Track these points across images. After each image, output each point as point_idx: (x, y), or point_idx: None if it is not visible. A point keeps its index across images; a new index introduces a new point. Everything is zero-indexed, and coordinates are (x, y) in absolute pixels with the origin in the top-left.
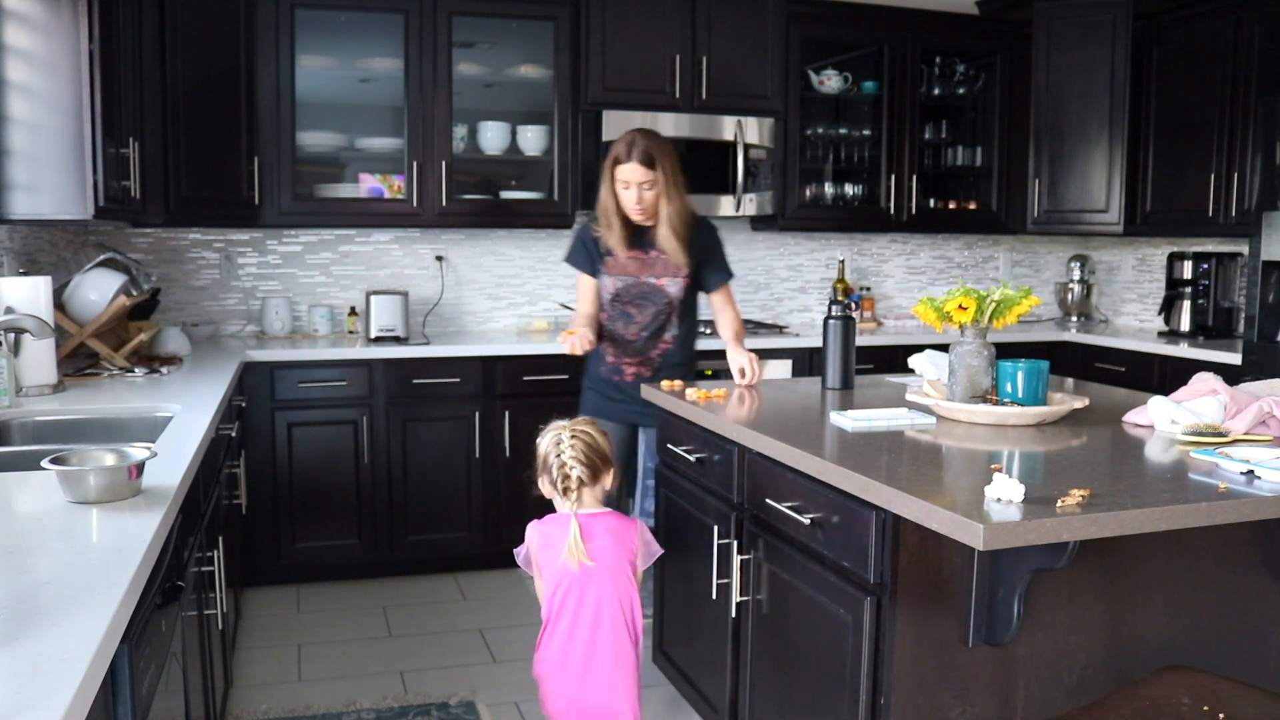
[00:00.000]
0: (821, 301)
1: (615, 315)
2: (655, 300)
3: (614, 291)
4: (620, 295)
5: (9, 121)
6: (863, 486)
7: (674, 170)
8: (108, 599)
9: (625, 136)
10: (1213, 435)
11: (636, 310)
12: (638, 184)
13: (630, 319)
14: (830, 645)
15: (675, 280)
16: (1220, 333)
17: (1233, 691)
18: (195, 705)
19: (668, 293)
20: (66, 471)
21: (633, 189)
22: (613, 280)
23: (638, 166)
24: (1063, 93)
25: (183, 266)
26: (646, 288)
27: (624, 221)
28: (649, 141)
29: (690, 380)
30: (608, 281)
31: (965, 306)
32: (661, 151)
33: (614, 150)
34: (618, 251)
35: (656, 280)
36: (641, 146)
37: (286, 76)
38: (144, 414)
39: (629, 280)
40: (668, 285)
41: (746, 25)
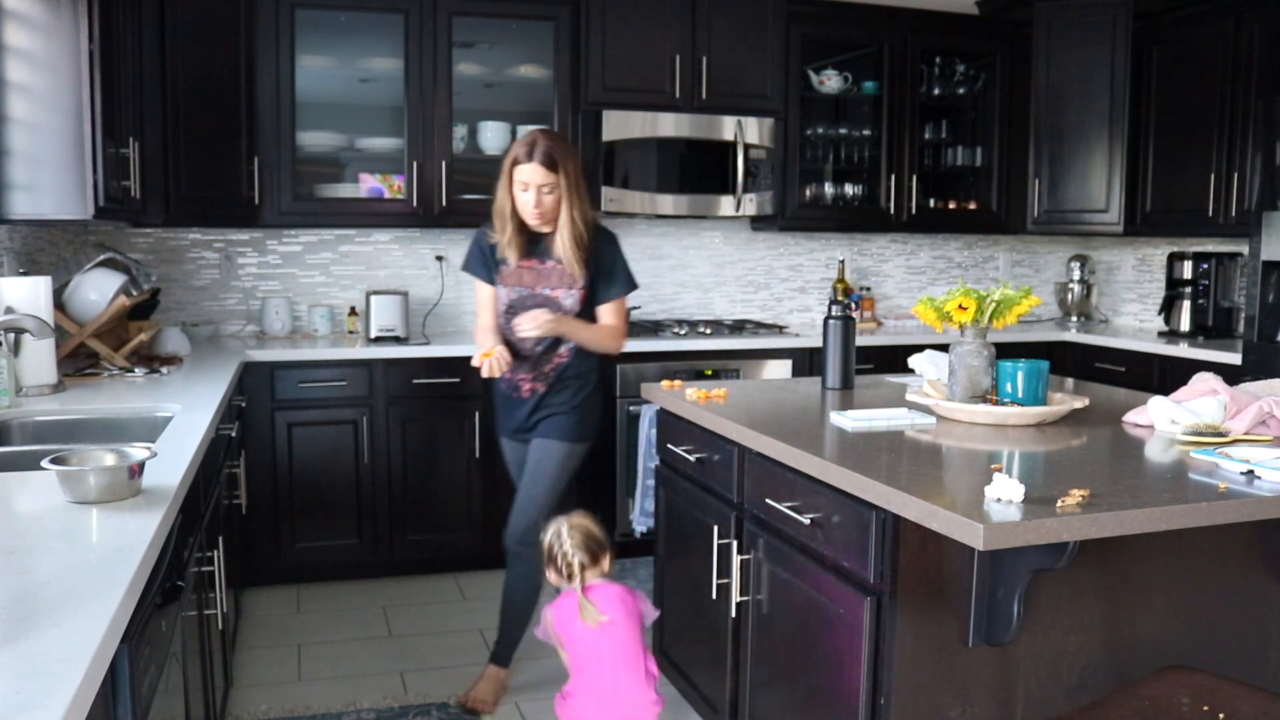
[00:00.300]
0: (821, 301)
1: (509, 327)
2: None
3: (508, 302)
4: (514, 307)
5: (9, 121)
6: (863, 486)
7: (577, 175)
8: (108, 599)
9: (526, 136)
10: (1213, 435)
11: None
12: (537, 186)
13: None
14: (830, 645)
15: (571, 293)
16: (1220, 333)
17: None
18: (195, 705)
19: (562, 305)
20: (66, 471)
21: (531, 191)
22: (507, 291)
23: (538, 168)
24: (1063, 93)
25: (183, 266)
26: (540, 299)
27: (520, 227)
28: (552, 143)
29: (589, 394)
30: (502, 292)
31: (965, 306)
32: (565, 154)
33: (513, 150)
34: (511, 259)
35: (551, 292)
36: (544, 147)
37: (286, 76)
38: (144, 414)
39: (523, 291)
40: (563, 298)
41: (746, 25)
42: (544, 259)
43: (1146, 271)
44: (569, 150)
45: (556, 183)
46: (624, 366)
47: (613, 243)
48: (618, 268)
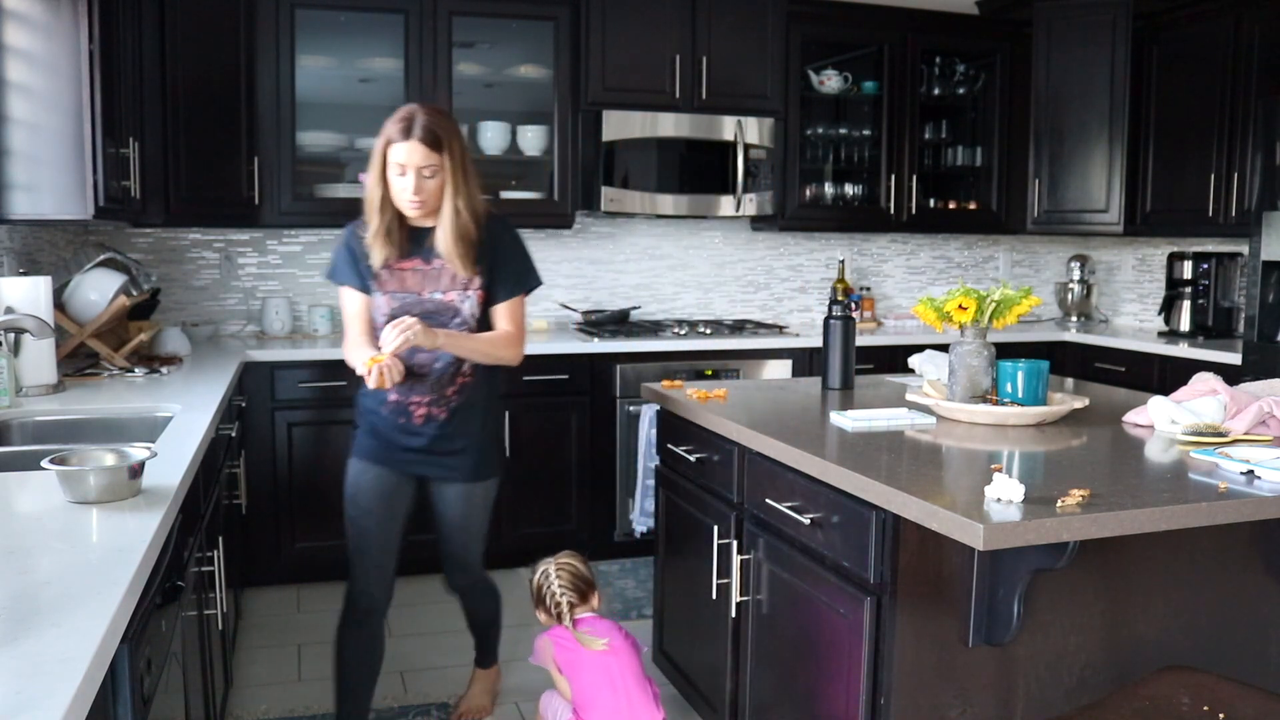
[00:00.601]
0: (821, 301)
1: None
2: (444, 320)
3: (390, 313)
4: (398, 317)
5: (9, 121)
6: (863, 486)
7: (463, 155)
8: (108, 599)
9: (402, 111)
10: (1213, 435)
11: None
12: (416, 169)
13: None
14: (830, 645)
15: (467, 295)
16: (1220, 333)
17: (1233, 691)
18: (195, 705)
19: (460, 311)
20: (66, 471)
21: (410, 175)
22: (387, 299)
23: (418, 146)
24: (1063, 93)
25: (183, 266)
26: (432, 306)
27: (398, 221)
28: (434, 117)
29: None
30: (380, 301)
31: (965, 306)
32: (450, 131)
33: (386, 128)
34: (389, 259)
35: (443, 296)
36: (424, 122)
37: (286, 76)
38: (144, 414)
39: (407, 298)
40: (458, 302)
41: (746, 25)
42: (430, 258)
43: (1146, 271)
44: (454, 127)
45: (440, 164)
46: (624, 367)
47: (510, 232)
48: (516, 262)
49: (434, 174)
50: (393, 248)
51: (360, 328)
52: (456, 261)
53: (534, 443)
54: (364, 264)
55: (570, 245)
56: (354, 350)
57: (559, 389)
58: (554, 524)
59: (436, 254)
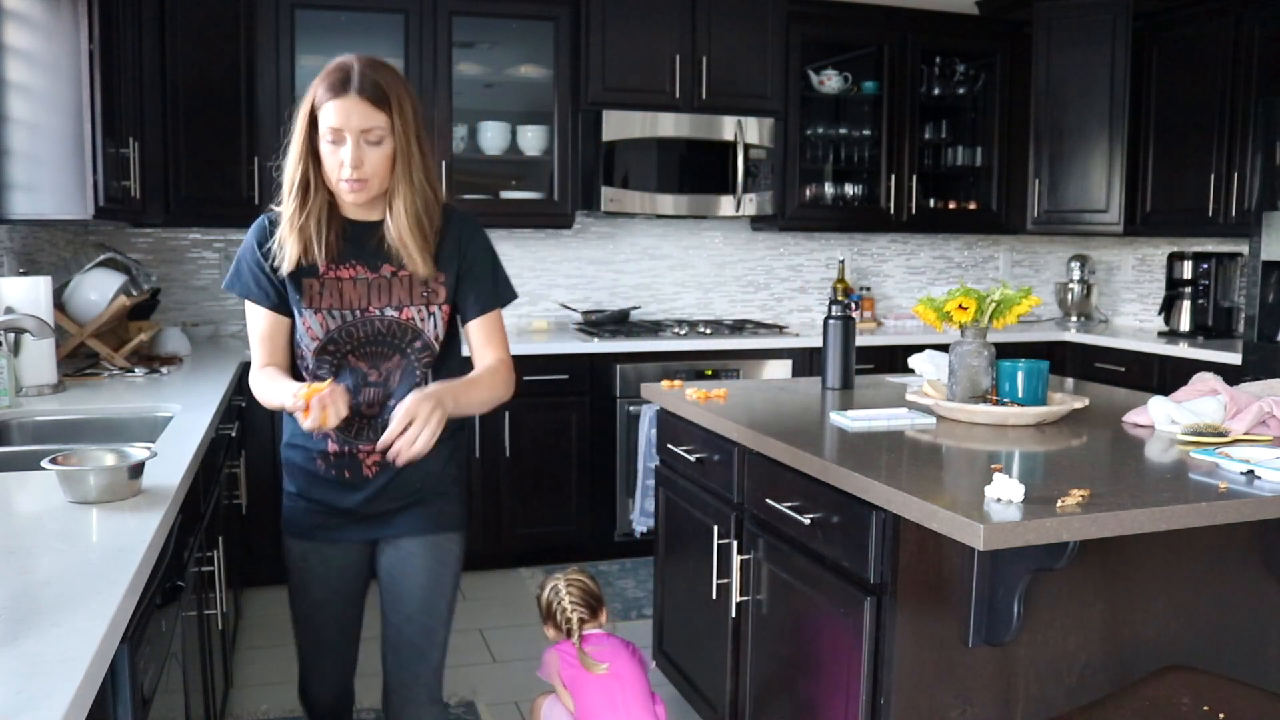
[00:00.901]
0: (821, 301)
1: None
2: (401, 345)
3: (323, 337)
4: (336, 342)
5: (9, 121)
6: (863, 486)
7: (418, 121)
8: (108, 599)
9: (334, 63)
10: (1213, 435)
11: (368, 365)
12: (357, 132)
13: (361, 379)
14: (830, 645)
15: (431, 312)
16: (1220, 333)
17: (1233, 691)
18: (195, 705)
19: (422, 333)
20: (66, 471)
21: (348, 141)
22: (319, 318)
23: (359, 102)
24: (1063, 93)
25: (183, 266)
26: (382, 326)
27: (329, 211)
28: (378, 69)
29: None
30: (312, 319)
31: (965, 306)
32: (399, 86)
33: (315, 85)
34: (318, 262)
35: (398, 314)
36: (364, 73)
37: (286, 76)
38: (144, 414)
39: (348, 315)
40: (419, 320)
41: (746, 25)
42: (377, 263)
43: (1146, 271)
44: (405, 83)
45: (388, 127)
46: (624, 367)
47: (480, 231)
48: (491, 268)
49: (380, 140)
50: (320, 247)
51: (271, 354)
52: (415, 256)
53: (534, 443)
54: (283, 273)
55: (570, 245)
56: (268, 383)
57: (559, 389)
58: (554, 524)
59: (385, 257)
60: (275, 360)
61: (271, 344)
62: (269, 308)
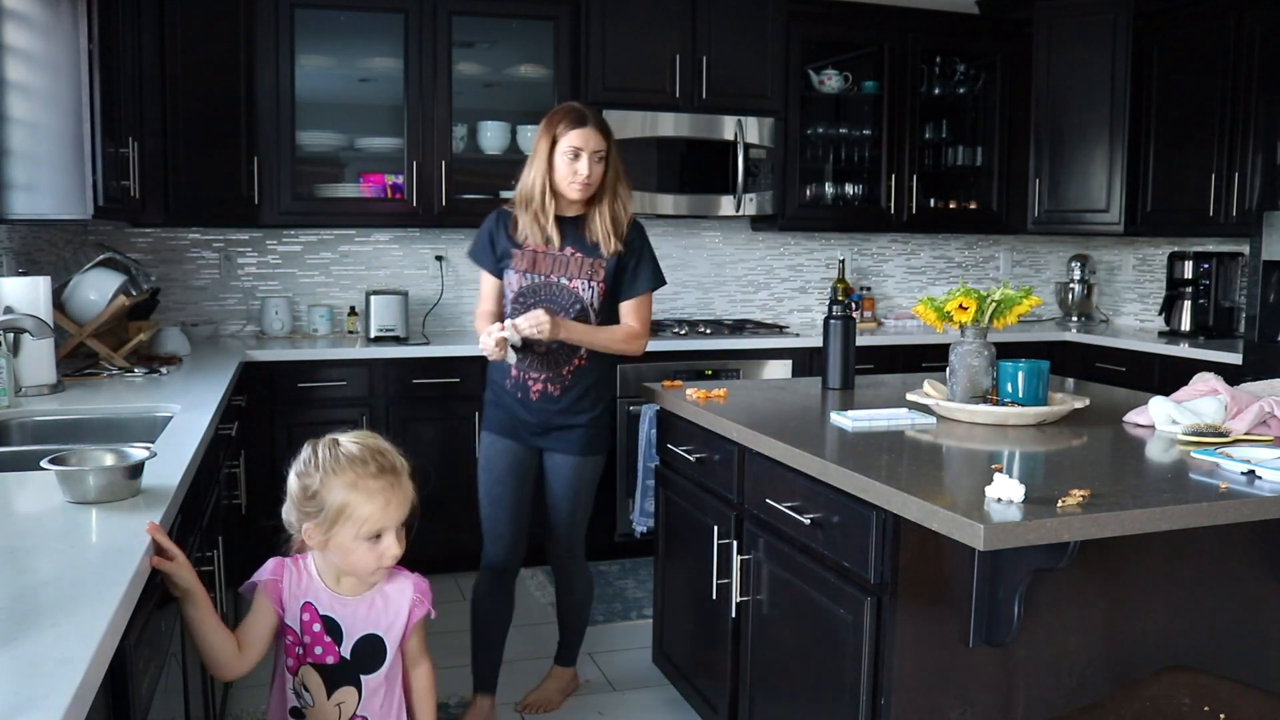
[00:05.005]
0: (821, 301)
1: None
2: (564, 304)
3: (518, 290)
4: (524, 294)
5: (9, 121)
6: (863, 486)
7: (618, 153)
8: (108, 599)
9: (563, 107)
10: (1213, 435)
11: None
12: (591, 152)
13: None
14: (830, 645)
15: (590, 285)
16: (1221, 333)
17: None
18: (195, 705)
19: (582, 299)
20: (66, 471)
21: (584, 158)
22: (518, 277)
23: (594, 132)
24: (1063, 93)
25: (182, 266)
26: (555, 289)
27: (552, 208)
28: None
29: (609, 402)
30: (513, 278)
31: (966, 306)
32: (608, 129)
33: (556, 119)
34: (534, 241)
35: (568, 282)
36: (593, 113)
37: (286, 76)
38: (143, 414)
39: (536, 279)
40: (580, 290)
41: (746, 25)
42: (563, 245)
43: (1147, 271)
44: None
45: (609, 150)
46: (624, 366)
47: (642, 232)
48: (644, 260)
49: (602, 159)
50: (539, 231)
51: (488, 305)
52: (610, 241)
53: None
54: (498, 247)
55: None
56: (480, 322)
57: None
58: None
59: (573, 243)
60: (489, 309)
61: (488, 300)
62: (493, 273)
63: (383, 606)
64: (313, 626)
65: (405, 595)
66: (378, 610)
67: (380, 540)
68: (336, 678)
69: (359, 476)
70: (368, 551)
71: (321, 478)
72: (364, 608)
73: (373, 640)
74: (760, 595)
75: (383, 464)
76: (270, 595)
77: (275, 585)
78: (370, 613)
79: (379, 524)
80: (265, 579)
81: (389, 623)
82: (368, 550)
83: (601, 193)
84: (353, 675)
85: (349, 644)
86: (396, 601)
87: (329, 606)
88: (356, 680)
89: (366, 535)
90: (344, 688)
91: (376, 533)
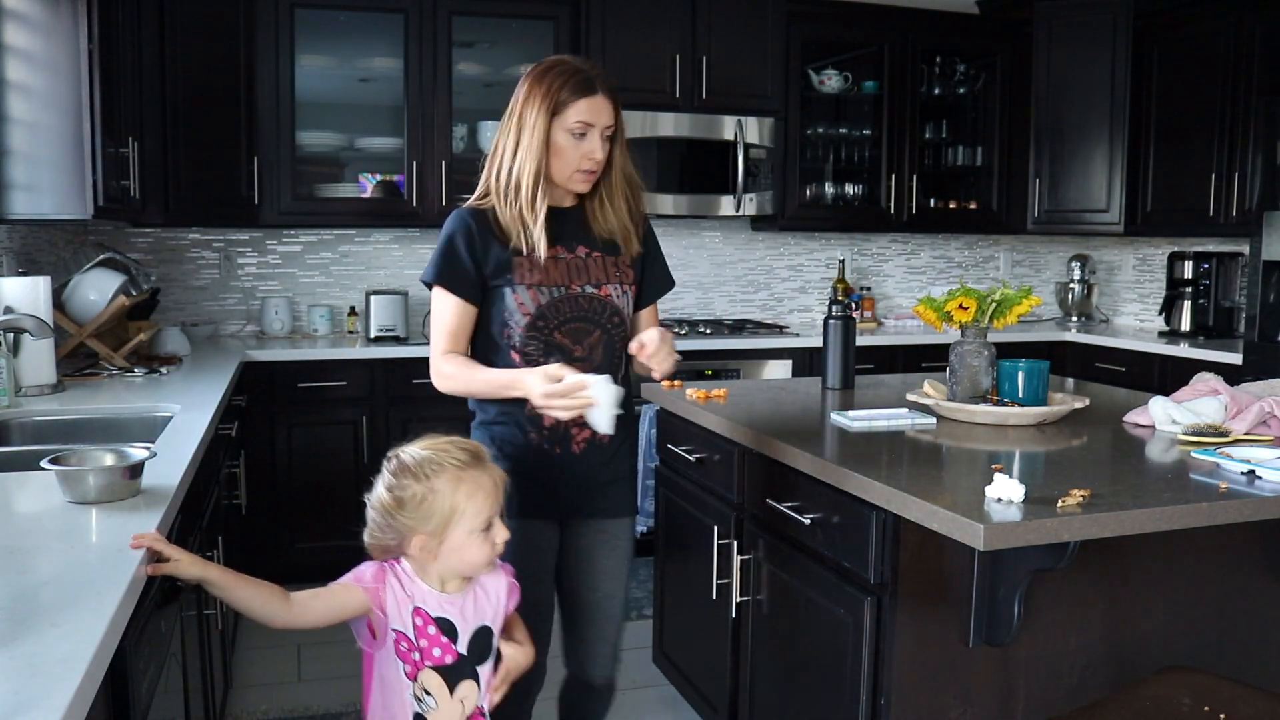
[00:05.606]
0: (821, 301)
1: (537, 353)
2: (602, 319)
3: (535, 310)
4: (547, 315)
5: (9, 121)
6: (863, 486)
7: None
8: (107, 599)
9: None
10: (1213, 435)
11: (571, 341)
12: (602, 129)
13: (567, 356)
14: (830, 645)
15: (625, 291)
16: (1221, 333)
17: (1233, 691)
18: (195, 705)
19: (619, 310)
20: (66, 471)
21: (594, 135)
22: (532, 293)
23: (606, 102)
24: (1063, 92)
25: (182, 266)
26: (586, 302)
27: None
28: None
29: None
30: (524, 295)
31: (966, 306)
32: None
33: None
34: (538, 247)
35: (598, 290)
36: (603, 76)
37: (286, 76)
38: (144, 414)
39: (556, 292)
40: (616, 298)
41: (746, 25)
42: (573, 245)
43: (1147, 271)
44: None
45: (619, 127)
46: None
47: (650, 225)
48: (660, 256)
49: (610, 135)
50: (527, 232)
51: (460, 344)
52: (631, 239)
53: None
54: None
55: None
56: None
57: None
58: None
59: (583, 240)
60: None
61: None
62: (467, 300)
63: (485, 598)
64: (427, 630)
65: (501, 583)
66: (483, 602)
67: (491, 529)
68: (457, 675)
69: (459, 471)
70: (482, 544)
71: (423, 485)
72: (470, 603)
73: (484, 632)
74: (760, 595)
75: (471, 453)
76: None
77: (377, 594)
78: (478, 606)
79: (489, 514)
80: (368, 585)
81: (493, 612)
82: (482, 543)
83: (608, 176)
84: (470, 669)
85: (465, 640)
86: (495, 590)
87: (439, 608)
88: (474, 674)
89: (480, 528)
90: (465, 682)
91: (488, 523)
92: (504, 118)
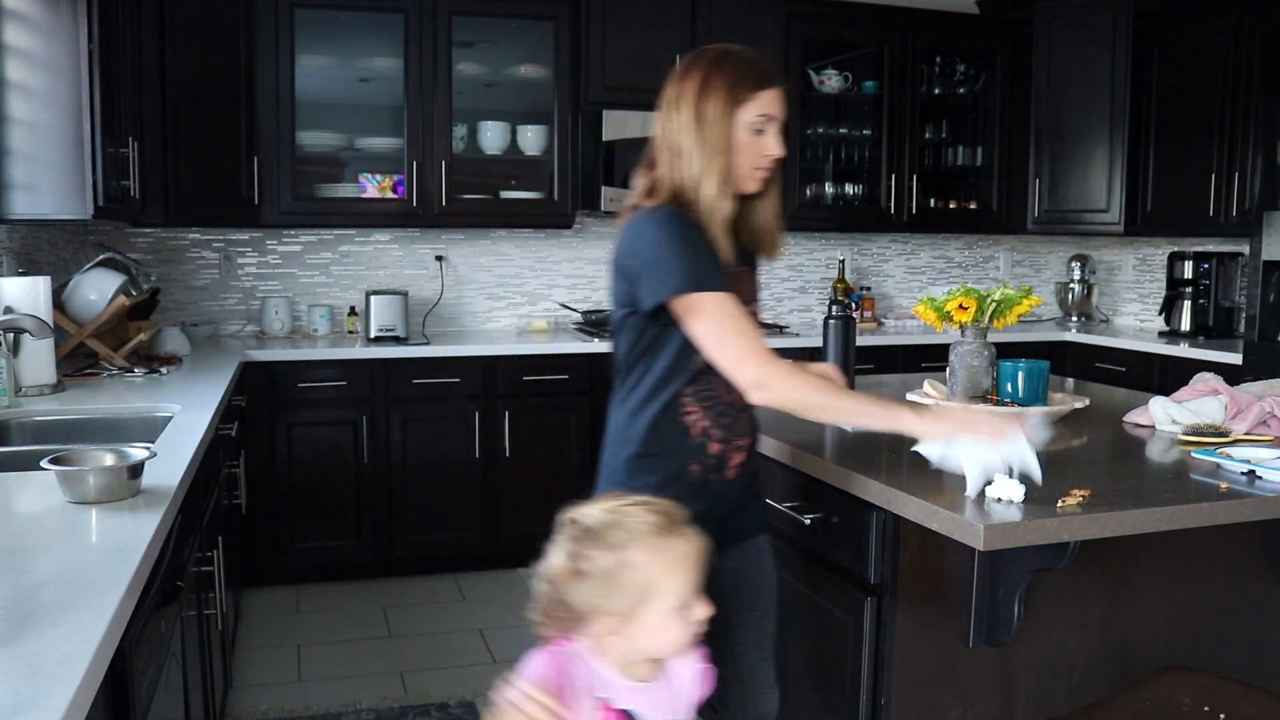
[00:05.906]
0: (821, 301)
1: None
2: None
3: None
4: None
5: (9, 121)
6: (863, 486)
7: None
8: (107, 599)
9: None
10: (1213, 435)
11: None
12: (780, 124)
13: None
14: (830, 645)
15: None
16: (1221, 333)
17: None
18: (195, 705)
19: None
20: (66, 471)
21: (773, 132)
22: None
23: (782, 92)
24: (1063, 92)
25: (182, 266)
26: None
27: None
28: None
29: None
30: None
31: (966, 306)
32: None
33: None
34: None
35: (758, 310)
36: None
37: (286, 76)
38: (144, 414)
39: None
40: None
41: (746, 25)
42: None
43: (1147, 271)
44: None
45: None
46: None
47: None
48: None
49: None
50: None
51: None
52: (777, 243)
53: (534, 443)
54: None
55: (570, 245)
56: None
57: (559, 389)
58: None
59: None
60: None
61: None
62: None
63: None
64: None
65: (690, 669)
66: (673, 692)
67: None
68: None
69: (657, 540)
70: (680, 624)
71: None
72: (658, 692)
73: None
74: None
75: (667, 516)
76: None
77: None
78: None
79: (690, 590)
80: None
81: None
82: (680, 623)
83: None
84: None
85: None
86: (682, 676)
87: (627, 699)
88: None
89: (679, 606)
90: None
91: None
92: (669, 111)
